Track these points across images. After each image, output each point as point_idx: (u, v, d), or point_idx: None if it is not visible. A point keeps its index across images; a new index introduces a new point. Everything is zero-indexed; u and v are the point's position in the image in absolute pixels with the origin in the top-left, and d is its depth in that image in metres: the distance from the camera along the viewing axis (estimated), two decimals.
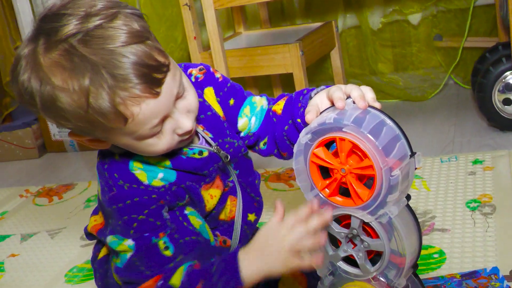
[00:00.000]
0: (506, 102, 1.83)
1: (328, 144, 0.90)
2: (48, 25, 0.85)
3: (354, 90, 0.90)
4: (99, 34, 0.83)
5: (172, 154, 0.97)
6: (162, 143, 0.91)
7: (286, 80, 2.36)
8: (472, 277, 1.19)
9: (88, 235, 1.13)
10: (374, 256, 0.95)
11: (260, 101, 1.09)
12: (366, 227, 0.92)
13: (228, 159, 1.02)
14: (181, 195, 0.98)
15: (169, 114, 0.90)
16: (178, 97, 0.90)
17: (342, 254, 0.96)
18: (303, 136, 0.89)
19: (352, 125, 0.85)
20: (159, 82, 0.86)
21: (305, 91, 1.03)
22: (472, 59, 2.22)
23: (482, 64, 1.93)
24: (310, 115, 0.91)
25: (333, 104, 0.91)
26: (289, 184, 1.80)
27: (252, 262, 0.92)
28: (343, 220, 0.95)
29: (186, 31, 1.90)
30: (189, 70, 1.07)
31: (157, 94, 0.85)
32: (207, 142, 1.02)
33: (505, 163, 1.64)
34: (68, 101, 0.84)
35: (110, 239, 0.98)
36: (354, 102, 0.89)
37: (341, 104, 0.89)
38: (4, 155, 2.55)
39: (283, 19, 2.42)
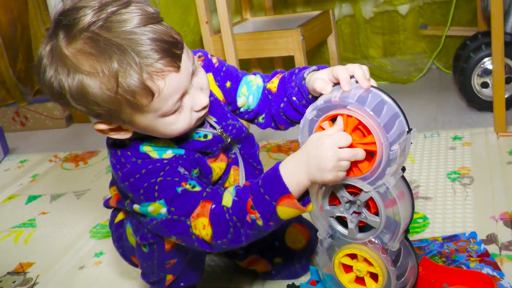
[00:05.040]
0: (484, 85, 1.80)
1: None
2: (65, 19, 0.82)
3: (357, 70, 0.86)
4: (117, 19, 0.80)
5: (178, 138, 0.93)
6: (182, 120, 0.88)
7: (288, 62, 2.32)
8: (452, 240, 1.18)
9: (109, 207, 1.09)
10: (368, 224, 0.92)
11: (255, 80, 1.06)
12: (370, 202, 0.89)
13: (229, 140, 0.99)
14: (192, 164, 0.95)
15: (187, 90, 0.86)
16: (192, 74, 0.87)
17: (337, 213, 0.92)
18: (309, 112, 0.86)
19: (356, 103, 0.82)
20: (179, 57, 0.83)
21: (297, 70, 1.00)
22: (453, 46, 2.19)
23: (464, 50, 1.90)
24: (329, 87, 0.86)
25: (336, 83, 0.88)
26: (289, 154, 1.77)
27: (296, 170, 0.84)
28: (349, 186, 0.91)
29: (198, 16, 1.85)
30: None
31: (178, 68, 0.83)
32: (211, 125, 0.99)
33: (482, 140, 1.63)
34: (98, 85, 0.80)
35: (137, 208, 0.93)
36: (356, 82, 0.86)
37: (348, 87, 0.85)
38: (35, 124, 2.53)
39: (285, 7, 2.38)
